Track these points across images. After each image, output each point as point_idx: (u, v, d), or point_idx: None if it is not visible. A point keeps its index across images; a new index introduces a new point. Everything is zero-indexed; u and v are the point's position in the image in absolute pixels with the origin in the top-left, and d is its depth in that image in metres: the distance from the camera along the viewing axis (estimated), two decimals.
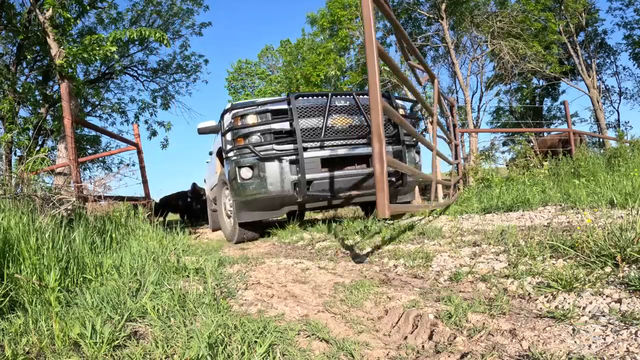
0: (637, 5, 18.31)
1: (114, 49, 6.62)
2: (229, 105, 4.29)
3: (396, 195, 4.25)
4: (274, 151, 3.64)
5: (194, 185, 11.97)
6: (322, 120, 3.77)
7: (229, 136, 3.87)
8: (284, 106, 3.78)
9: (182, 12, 12.29)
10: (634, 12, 18.68)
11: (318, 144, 3.75)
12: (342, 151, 3.83)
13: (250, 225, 4.19)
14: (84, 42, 6.37)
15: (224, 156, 3.99)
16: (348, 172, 3.83)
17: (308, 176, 3.61)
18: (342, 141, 3.83)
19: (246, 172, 3.69)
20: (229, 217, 4.53)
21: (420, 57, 3.85)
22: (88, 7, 7.30)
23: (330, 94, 3.87)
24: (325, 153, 3.74)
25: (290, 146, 3.65)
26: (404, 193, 4.35)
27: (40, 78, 10.46)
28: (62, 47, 6.16)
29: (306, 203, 3.85)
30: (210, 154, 6.17)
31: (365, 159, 3.93)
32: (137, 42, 11.53)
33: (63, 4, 6.30)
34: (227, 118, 3.92)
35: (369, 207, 5.37)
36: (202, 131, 4.88)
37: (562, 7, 16.65)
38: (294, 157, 3.62)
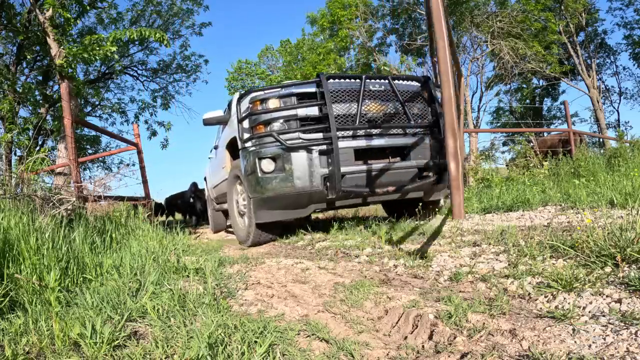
0: (637, 5, 18.32)
1: (114, 49, 6.61)
2: (236, 95, 3.93)
3: (431, 192, 3.82)
4: (300, 140, 3.16)
5: (195, 184, 11.89)
6: (354, 106, 3.27)
7: (246, 124, 3.38)
8: (311, 89, 3.31)
9: (182, 12, 12.29)
10: (634, 12, 18.69)
11: (350, 133, 3.28)
12: (377, 142, 3.34)
13: (268, 226, 3.66)
14: (84, 42, 6.36)
15: (239, 147, 3.52)
16: (383, 165, 3.36)
17: (342, 169, 3.15)
18: (375, 130, 3.35)
19: (268, 165, 3.23)
20: (241, 216, 3.99)
21: (455, 53, 3.72)
22: (88, 7, 7.30)
23: (364, 77, 3.36)
24: (360, 143, 3.27)
25: (319, 135, 3.18)
26: (439, 190, 3.88)
27: (40, 78, 10.46)
28: (62, 47, 6.16)
29: (337, 200, 3.38)
30: (216, 147, 5.59)
31: (401, 151, 3.49)
32: (137, 42, 11.53)
33: (63, 4, 6.30)
34: (245, 103, 3.45)
35: (401, 206, 4.46)
36: (207, 122, 4.46)
37: (562, 7, 16.65)
38: (324, 147, 3.15)
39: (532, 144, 8.30)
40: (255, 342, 1.12)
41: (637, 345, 0.93)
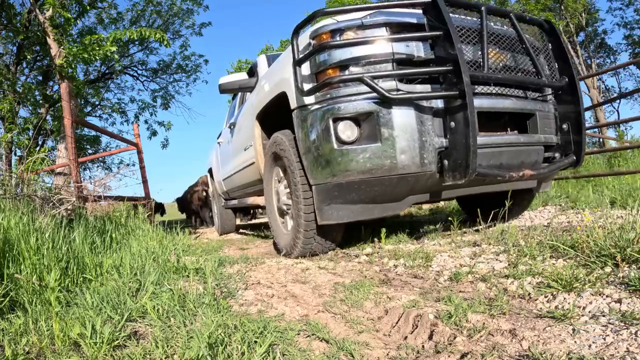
0: (637, 5, 18.35)
1: (114, 49, 6.61)
2: (262, 58, 3.38)
3: (549, 181, 2.99)
4: (405, 92, 2.07)
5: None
6: (476, 50, 2.21)
7: (306, 69, 2.28)
8: (412, 19, 2.22)
9: (182, 12, 12.29)
10: (634, 12, 18.71)
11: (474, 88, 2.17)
12: (502, 103, 2.29)
13: (332, 229, 2.55)
14: (84, 42, 6.36)
15: (293, 106, 2.42)
16: (507, 139, 2.33)
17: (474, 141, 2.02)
18: (495, 89, 2.30)
19: (348, 130, 2.14)
20: (283, 215, 2.93)
21: None
22: (88, 7, 7.31)
23: (483, 9, 2.20)
24: (482, 103, 2.17)
25: (426, 87, 2.13)
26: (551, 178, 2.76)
27: (40, 78, 10.47)
28: (62, 47, 6.16)
29: (452, 189, 2.38)
30: (232, 126, 4.37)
31: (522, 121, 2.46)
32: (137, 42, 11.54)
33: (63, 4, 6.30)
34: (304, 38, 2.33)
35: (481, 201, 3.17)
36: (225, 88, 3.48)
37: (562, 7, 16.66)
38: (439, 105, 2.08)
39: None
40: (255, 342, 1.12)
41: (637, 345, 0.93)
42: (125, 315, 1.37)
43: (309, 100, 2.28)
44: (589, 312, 1.17)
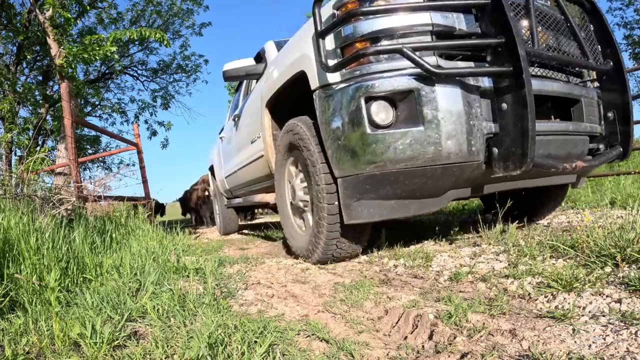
0: (637, 5, 18.33)
1: (114, 49, 6.61)
2: (274, 45, 3.14)
3: (587, 175, 2.62)
4: (450, 68, 1.75)
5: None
6: (525, 24, 1.91)
7: (330, 42, 1.97)
8: None
9: (182, 12, 12.28)
10: (634, 12, 18.69)
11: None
12: (551, 86, 2.00)
13: (359, 229, 2.22)
14: (84, 42, 6.36)
15: (314, 86, 2.08)
16: (557, 126, 2.07)
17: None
18: (541, 70, 2.02)
19: (383, 111, 1.82)
20: (299, 213, 2.58)
21: None
22: (88, 7, 7.31)
23: None
24: (535, 85, 1.81)
25: (468, 64, 1.82)
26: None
27: (40, 78, 10.46)
28: (62, 47, 6.16)
29: (501, 181, 2.12)
30: (237, 118, 3.99)
31: (566, 107, 2.21)
32: (137, 42, 11.53)
33: (63, 4, 6.30)
34: (327, 8, 2.03)
35: (506, 198, 2.76)
36: (230, 75, 3.21)
37: None
38: (487, 84, 1.78)
39: None
40: (255, 342, 1.12)
41: (637, 345, 0.93)
42: (125, 315, 1.37)
43: (333, 78, 1.97)
44: (589, 312, 1.17)
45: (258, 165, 3.30)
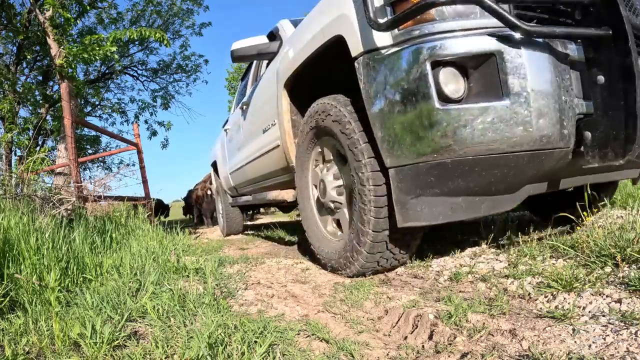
0: None
1: (114, 49, 6.61)
2: (285, 21, 2.87)
3: None
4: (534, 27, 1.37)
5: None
6: None
7: None
8: None
9: (182, 12, 12.29)
10: None
11: None
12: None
13: (411, 234, 1.85)
14: (84, 42, 6.36)
15: (362, 50, 1.67)
16: None
17: None
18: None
19: (453, 80, 1.46)
20: (332, 213, 2.17)
21: None
22: (88, 7, 7.31)
23: None
24: None
25: (552, 30, 1.39)
26: None
27: (40, 78, 10.46)
28: (62, 47, 6.16)
29: (569, 177, 1.82)
30: (245, 106, 3.60)
31: None
32: (137, 42, 11.53)
33: (63, 4, 6.30)
34: None
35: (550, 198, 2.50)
36: (239, 55, 2.83)
37: None
38: (575, 53, 1.46)
39: None
40: (255, 342, 1.12)
41: (637, 345, 0.93)
42: (125, 315, 1.37)
43: (384, 40, 1.57)
44: (589, 312, 1.17)
45: (272, 158, 2.92)
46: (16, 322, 1.34)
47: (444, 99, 1.43)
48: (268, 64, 3.06)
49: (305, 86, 2.48)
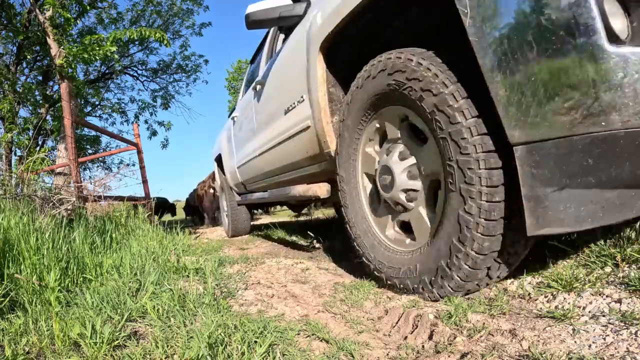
0: None
1: (114, 49, 6.62)
2: None
3: None
4: None
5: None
6: None
7: None
8: None
9: (182, 12, 12.30)
10: None
11: None
12: None
13: (519, 243, 1.34)
14: (84, 42, 6.37)
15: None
16: None
17: None
18: None
19: (619, 15, 0.95)
20: (399, 212, 1.65)
21: None
22: (88, 7, 7.31)
23: None
24: None
25: None
26: None
27: (40, 78, 10.47)
28: (62, 47, 6.17)
29: None
30: (258, 86, 3.09)
31: None
32: (137, 42, 11.54)
33: (63, 4, 6.30)
34: None
35: None
36: (256, 19, 2.37)
37: None
38: None
39: None
40: (255, 342, 1.12)
41: (637, 345, 0.93)
42: (125, 315, 1.37)
43: None
44: (589, 312, 1.17)
45: (298, 143, 2.39)
46: (16, 322, 1.34)
47: (613, 38, 0.95)
48: (285, 40, 2.63)
49: (342, 52, 1.98)
